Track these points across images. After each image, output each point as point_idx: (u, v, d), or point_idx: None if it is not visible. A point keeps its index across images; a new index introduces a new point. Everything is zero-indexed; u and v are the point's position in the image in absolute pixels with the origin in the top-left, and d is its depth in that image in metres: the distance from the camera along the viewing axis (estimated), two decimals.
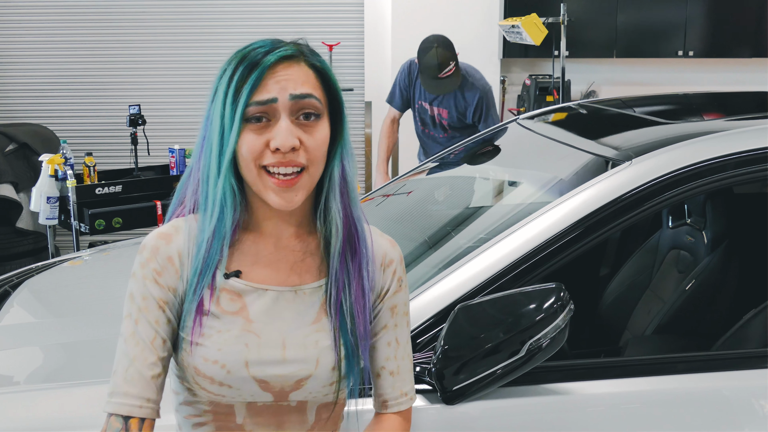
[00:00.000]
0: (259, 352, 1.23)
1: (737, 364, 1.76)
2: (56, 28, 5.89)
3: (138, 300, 1.23)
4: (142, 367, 1.21)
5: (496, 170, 2.58)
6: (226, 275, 1.25)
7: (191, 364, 1.23)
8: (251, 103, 1.18)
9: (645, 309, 2.61)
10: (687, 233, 2.63)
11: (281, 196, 1.19)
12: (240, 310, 1.25)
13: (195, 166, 1.26)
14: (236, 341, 1.23)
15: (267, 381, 1.24)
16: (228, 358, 1.22)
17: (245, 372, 1.23)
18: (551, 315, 1.47)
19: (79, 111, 5.95)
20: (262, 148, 1.19)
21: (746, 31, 5.97)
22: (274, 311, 1.26)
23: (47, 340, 2.05)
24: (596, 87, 6.10)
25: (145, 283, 1.23)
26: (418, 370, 1.56)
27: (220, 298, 1.25)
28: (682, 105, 2.85)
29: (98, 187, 4.53)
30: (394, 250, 1.35)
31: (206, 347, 1.23)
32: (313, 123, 1.21)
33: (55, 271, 2.74)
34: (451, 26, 5.76)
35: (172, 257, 1.24)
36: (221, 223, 1.22)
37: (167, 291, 1.24)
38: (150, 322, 1.22)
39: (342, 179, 1.26)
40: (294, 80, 1.20)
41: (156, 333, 1.22)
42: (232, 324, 1.24)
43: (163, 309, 1.23)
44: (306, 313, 1.27)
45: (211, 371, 1.22)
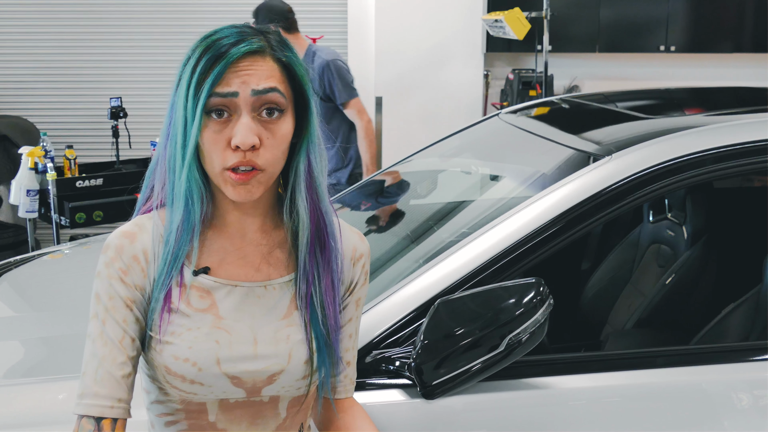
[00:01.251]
0: (230, 348, 1.23)
1: (716, 358, 1.77)
2: (37, 19, 5.83)
3: (104, 300, 1.22)
4: (111, 367, 1.20)
5: (478, 164, 2.58)
6: (194, 272, 1.24)
7: (162, 363, 1.22)
8: (213, 95, 1.16)
9: (625, 303, 2.62)
10: (667, 228, 2.64)
11: (240, 190, 1.18)
12: (210, 307, 1.24)
13: (161, 155, 1.25)
14: (207, 338, 1.22)
15: (239, 377, 1.23)
16: (199, 355, 1.21)
17: (217, 369, 1.22)
18: (531, 310, 1.48)
19: (59, 103, 5.90)
20: (224, 147, 1.17)
21: (727, 26, 6.01)
22: (244, 307, 1.25)
23: (27, 335, 2.03)
24: (579, 81, 6.11)
25: (110, 282, 1.22)
26: (398, 364, 1.56)
27: (189, 295, 1.24)
28: (662, 100, 2.86)
29: (79, 180, 4.50)
30: (363, 244, 1.36)
31: (176, 345, 1.22)
32: (275, 120, 1.19)
33: (35, 264, 2.72)
34: (435, 20, 5.76)
35: (137, 256, 1.23)
36: (189, 215, 1.22)
37: (134, 290, 1.23)
38: (117, 321, 1.21)
39: (308, 174, 1.24)
40: (257, 75, 1.18)
41: (124, 332, 1.21)
42: (202, 321, 1.23)
43: (131, 308, 1.22)
44: (276, 308, 1.27)
45: (182, 369, 1.22)
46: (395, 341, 1.59)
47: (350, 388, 1.39)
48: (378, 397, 1.56)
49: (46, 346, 1.96)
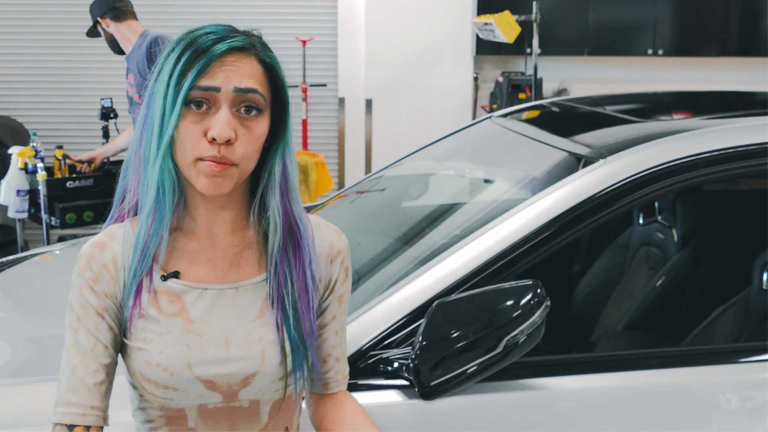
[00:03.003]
0: (201, 352, 1.23)
1: (706, 360, 1.79)
2: (26, 19, 5.81)
3: (77, 309, 1.23)
4: (83, 375, 1.21)
5: (472, 167, 2.60)
6: (163, 277, 1.24)
7: (137, 370, 1.23)
8: (194, 87, 1.16)
9: (616, 305, 2.64)
10: (657, 230, 2.67)
11: (212, 181, 1.17)
12: (180, 312, 1.24)
13: (136, 148, 1.25)
14: (177, 343, 1.22)
15: (212, 381, 1.23)
16: (170, 360, 1.22)
17: (188, 373, 1.22)
18: (528, 311, 1.49)
19: (49, 103, 5.88)
20: (199, 137, 1.17)
21: (714, 30, 6.06)
22: (215, 310, 1.25)
23: (16, 335, 2.03)
24: (568, 85, 6.15)
25: (81, 291, 1.23)
26: (396, 365, 1.57)
27: (159, 300, 1.24)
28: (651, 104, 2.89)
29: (69, 181, 4.48)
30: (340, 241, 1.36)
31: (148, 351, 1.22)
32: (253, 117, 1.20)
33: (26, 265, 2.71)
34: (424, 22, 5.78)
35: (106, 264, 1.24)
36: (160, 205, 1.21)
37: (104, 298, 1.23)
38: (89, 330, 1.22)
39: (283, 177, 1.25)
40: (240, 73, 1.18)
41: (96, 340, 1.22)
42: (173, 326, 1.23)
43: (102, 316, 1.23)
44: (248, 309, 1.26)
45: (154, 375, 1.22)
46: (393, 342, 1.60)
47: (343, 382, 1.39)
48: (376, 397, 1.56)
49: (35, 347, 1.96)
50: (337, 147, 5.94)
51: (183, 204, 1.26)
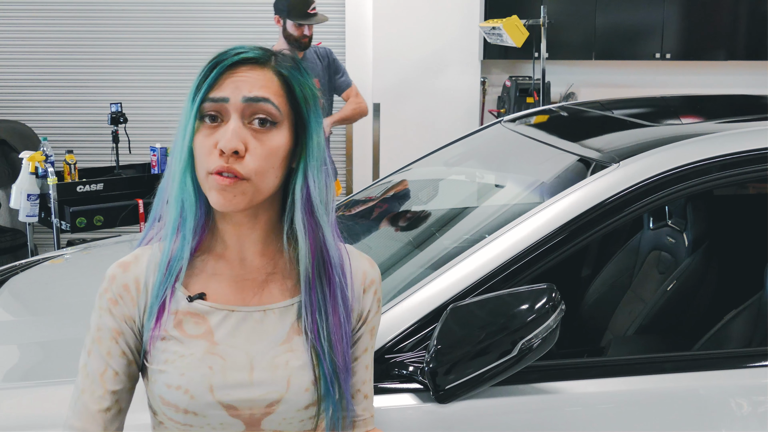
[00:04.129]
0: (224, 375, 1.17)
1: (717, 365, 1.80)
2: (38, 24, 5.84)
3: (93, 331, 1.22)
4: (89, 400, 1.19)
5: (482, 171, 2.61)
6: (189, 298, 1.20)
7: (157, 393, 1.19)
8: (206, 99, 1.15)
9: (626, 309, 2.64)
10: (668, 234, 2.67)
11: (221, 195, 1.14)
12: (204, 333, 1.19)
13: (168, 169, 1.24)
14: (199, 364, 1.17)
15: (234, 406, 1.17)
16: (191, 382, 1.16)
17: (210, 397, 1.16)
18: (543, 315, 1.49)
19: (59, 108, 5.90)
20: (211, 150, 1.15)
21: (721, 34, 6.07)
22: (240, 333, 1.20)
23: (26, 339, 2.04)
24: (575, 89, 6.15)
25: (100, 313, 1.21)
26: (411, 369, 1.58)
27: (184, 322, 1.20)
28: (659, 108, 2.89)
29: (79, 185, 4.51)
30: (373, 271, 1.30)
31: (168, 373, 1.18)
32: (266, 130, 1.15)
33: (38, 269, 2.73)
34: (432, 27, 5.79)
35: (128, 285, 1.21)
36: (183, 223, 1.19)
37: (121, 321, 1.20)
38: (101, 354, 1.20)
39: (306, 199, 1.19)
40: (251, 83, 1.15)
41: (107, 365, 1.20)
42: (196, 347, 1.18)
43: (116, 340, 1.20)
44: (275, 333, 1.21)
45: (174, 398, 1.17)
46: (407, 346, 1.61)
47: (370, 421, 1.31)
48: (390, 401, 1.57)
49: (44, 351, 1.97)
50: (345, 151, 5.95)
51: (213, 226, 1.23)
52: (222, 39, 5.77)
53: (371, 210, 2.67)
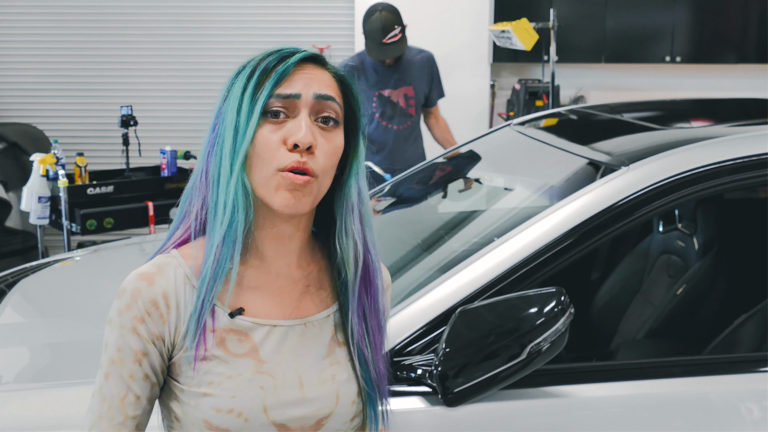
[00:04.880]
0: (276, 394, 1.13)
1: (727, 369, 1.79)
2: (48, 27, 5.87)
3: (111, 351, 1.12)
4: (107, 427, 1.11)
5: (492, 174, 2.61)
6: (231, 314, 1.14)
7: (200, 419, 1.11)
8: (273, 95, 1.11)
9: (636, 313, 2.64)
10: (678, 238, 2.66)
11: (293, 194, 1.09)
12: (250, 351, 1.13)
13: (200, 175, 1.16)
14: (250, 385, 1.12)
15: (287, 425, 1.13)
16: (244, 404, 1.11)
17: (264, 418, 1.11)
18: (552, 319, 1.49)
19: (70, 111, 5.93)
20: (278, 146, 1.10)
21: (732, 37, 6.05)
22: (285, 348, 1.16)
23: (36, 340, 2.05)
24: (585, 92, 6.14)
25: (121, 332, 1.11)
26: (420, 372, 1.58)
27: (226, 339, 1.13)
28: (669, 111, 2.89)
29: (90, 188, 4.52)
30: (387, 274, 1.30)
31: (217, 396, 1.11)
32: (331, 128, 1.14)
33: (48, 271, 2.74)
34: (441, 30, 5.79)
35: (156, 300, 1.12)
36: (231, 228, 1.11)
37: (147, 342, 1.11)
38: (122, 377, 1.11)
39: (359, 201, 1.17)
40: (319, 81, 1.14)
41: (128, 390, 1.11)
42: (243, 367, 1.12)
43: (140, 362, 1.11)
44: (318, 346, 1.18)
45: (225, 422, 1.10)
46: (416, 349, 1.61)
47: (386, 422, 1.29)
48: (399, 404, 1.56)
49: (54, 352, 1.98)
50: None
51: (252, 234, 1.17)
52: (232, 43, 5.79)
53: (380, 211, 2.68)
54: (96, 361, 1.18)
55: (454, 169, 2.82)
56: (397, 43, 3.95)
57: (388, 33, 3.92)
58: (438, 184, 2.76)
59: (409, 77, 4.15)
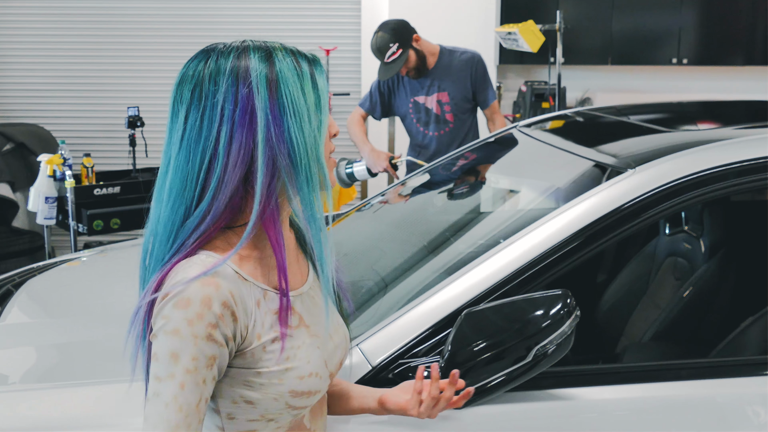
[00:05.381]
0: (325, 349, 1.29)
1: (734, 372, 1.79)
2: (55, 28, 5.88)
3: (185, 361, 1.12)
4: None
5: (497, 177, 2.60)
6: (283, 293, 1.23)
7: (284, 392, 1.20)
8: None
9: (642, 316, 2.63)
10: (684, 240, 2.66)
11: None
12: (300, 321, 1.26)
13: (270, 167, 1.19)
14: (312, 349, 1.25)
15: (333, 372, 1.32)
16: (316, 366, 1.25)
17: (326, 371, 1.28)
18: (558, 321, 1.49)
19: (77, 112, 5.95)
20: (328, 138, 1.28)
21: (739, 39, 6.03)
22: (312, 310, 1.29)
23: (43, 341, 2.06)
24: (591, 94, 6.13)
25: (195, 342, 1.12)
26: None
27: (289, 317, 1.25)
28: (676, 113, 2.88)
29: (96, 188, 4.54)
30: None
31: (297, 367, 1.22)
32: None
33: (55, 271, 2.75)
34: (448, 32, 5.78)
35: (227, 302, 1.15)
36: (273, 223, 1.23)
37: (221, 345, 1.15)
38: (197, 383, 1.13)
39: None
40: None
41: (201, 395, 1.14)
42: (302, 336, 1.25)
43: (211, 367, 1.14)
44: (320, 302, 1.32)
45: (309, 385, 1.23)
46: (421, 351, 1.61)
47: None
48: None
49: (61, 353, 1.98)
50: (360, 156, 5.95)
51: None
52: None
53: (386, 213, 2.68)
54: (101, 362, 1.18)
55: (465, 171, 2.82)
56: (397, 60, 3.99)
57: (384, 53, 3.98)
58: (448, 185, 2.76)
59: (444, 83, 4.12)
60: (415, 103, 4.19)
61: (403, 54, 3.97)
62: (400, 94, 4.22)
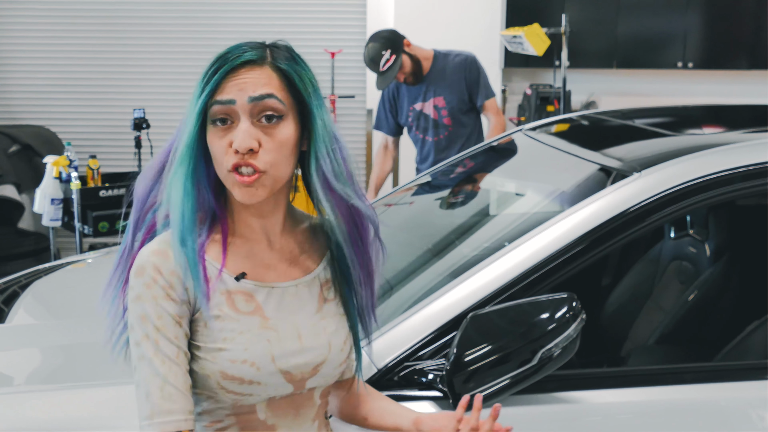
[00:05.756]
0: (280, 345, 1.29)
1: (738, 376, 1.78)
2: (61, 30, 5.90)
3: (153, 319, 1.23)
4: (176, 382, 1.23)
5: (503, 180, 2.61)
6: (236, 278, 1.29)
7: (216, 370, 1.26)
8: (213, 102, 1.23)
9: (647, 319, 2.63)
10: (689, 244, 2.66)
11: (244, 191, 1.23)
12: (255, 310, 1.30)
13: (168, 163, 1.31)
14: (259, 339, 1.28)
15: (290, 372, 1.30)
16: (255, 355, 1.27)
17: (273, 366, 1.28)
18: (563, 325, 1.50)
19: (83, 114, 5.96)
20: (226, 150, 1.23)
21: (744, 43, 6.03)
22: (284, 306, 1.32)
23: (48, 342, 2.06)
24: (596, 97, 6.13)
25: (157, 302, 1.24)
26: (431, 377, 1.58)
27: (235, 300, 1.29)
28: (681, 117, 2.88)
29: (102, 190, 4.55)
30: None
31: (231, 350, 1.26)
32: (274, 125, 1.24)
33: (61, 273, 2.76)
34: (453, 35, 5.79)
35: (174, 271, 1.25)
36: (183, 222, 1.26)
37: (180, 304, 1.25)
38: (170, 339, 1.24)
39: (323, 179, 1.28)
40: (254, 83, 1.23)
41: (178, 348, 1.24)
42: (251, 323, 1.28)
43: (180, 323, 1.25)
44: (309, 304, 1.35)
45: (240, 372, 1.26)
46: (427, 354, 1.61)
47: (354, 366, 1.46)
48: (410, 408, 1.57)
49: (66, 354, 1.98)
50: (365, 158, 5.96)
51: (236, 211, 1.32)
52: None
53: (392, 216, 2.68)
54: (106, 363, 1.22)
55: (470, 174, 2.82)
56: (393, 67, 3.99)
57: (377, 62, 3.99)
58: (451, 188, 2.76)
59: (439, 87, 4.12)
60: (413, 111, 4.20)
61: (396, 60, 3.98)
62: (401, 105, 4.23)
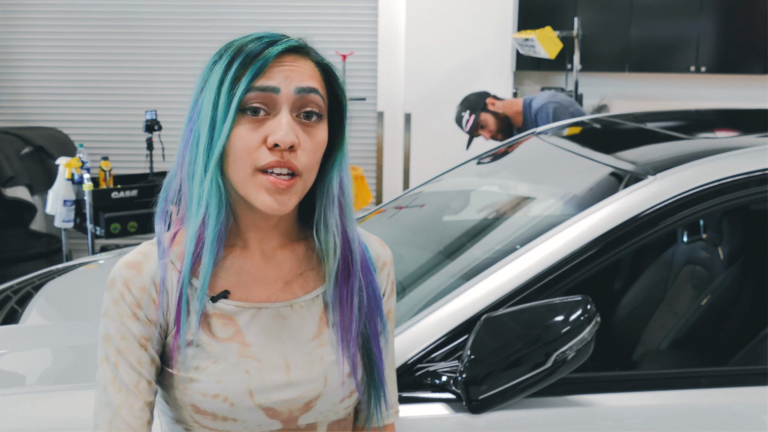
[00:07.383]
0: (261, 378, 1.12)
1: (752, 380, 1.77)
2: (74, 32, 5.92)
3: (116, 340, 1.10)
4: (128, 416, 1.09)
5: (517, 182, 2.60)
6: (212, 298, 1.13)
7: (188, 403, 1.11)
8: (251, 89, 1.06)
9: (659, 323, 2.62)
10: (702, 249, 2.64)
11: (275, 198, 1.07)
12: (234, 335, 1.12)
13: (179, 165, 1.14)
14: (235, 370, 1.11)
15: (274, 408, 1.12)
16: (229, 389, 1.10)
17: (250, 402, 1.11)
18: (578, 327, 1.49)
19: (95, 115, 5.98)
20: (258, 145, 1.07)
21: (757, 47, 5.99)
22: (271, 331, 1.14)
23: (60, 343, 2.07)
24: (608, 101, 6.10)
25: (121, 320, 1.10)
26: (445, 379, 1.58)
27: (211, 324, 1.12)
28: (693, 121, 2.87)
29: (114, 192, 4.57)
30: (385, 252, 1.26)
31: (203, 381, 1.10)
32: (314, 124, 1.10)
33: (73, 274, 2.77)
34: (464, 38, 5.79)
35: (146, 287, 1.11)
36: (207, 227, 1.09)
37: (148, 325, 1.11)
38: (131, 364, 1.10)
39: (341, 192, 1.15)
40: (300, 73, 1.09)
41: (139, 375, 1.10)
42: (228, 351, 1.11)
43: (145, 347, 1.11)
44: (305, 328, 1.16)
45: (212, 407, 1.10)
46: (440, 356, 1.61)
47: (391, 415, 1.27)
48: (423, 410, 1.57)
49: (77, 354, 1.99)
50: (376, 161, 5.96)
51: (234, 220, 1.16)
52: None
53: (404, 219, 2.68)
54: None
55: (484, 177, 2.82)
56: (473, 127, 4.16)
57: (461, 124, 4.19)
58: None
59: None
60: None
61: (475, 119, 4.12)
62: None
